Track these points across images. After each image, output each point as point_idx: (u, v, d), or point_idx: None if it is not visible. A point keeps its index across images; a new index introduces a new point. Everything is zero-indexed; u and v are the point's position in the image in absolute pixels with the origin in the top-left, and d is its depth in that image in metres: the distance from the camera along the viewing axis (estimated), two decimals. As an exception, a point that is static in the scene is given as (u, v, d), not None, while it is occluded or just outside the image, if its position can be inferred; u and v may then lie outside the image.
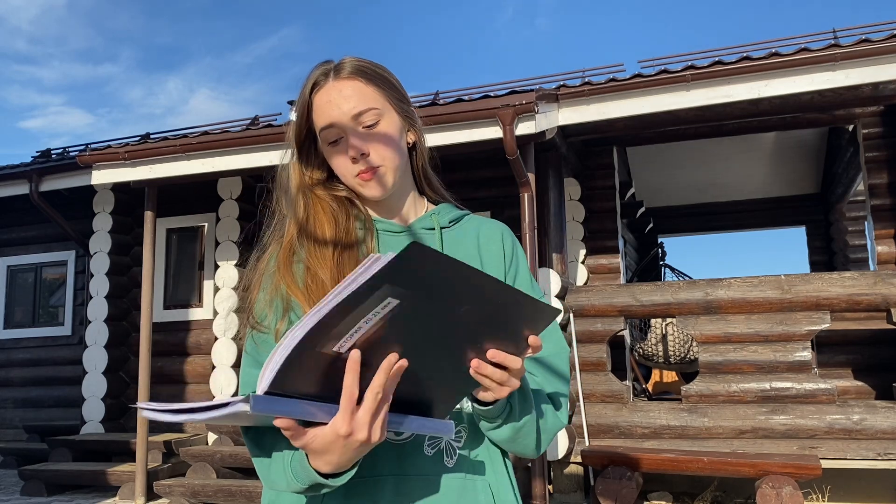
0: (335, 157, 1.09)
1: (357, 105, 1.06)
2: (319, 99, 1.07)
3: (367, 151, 1.06)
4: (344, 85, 1.07)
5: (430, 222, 1.13)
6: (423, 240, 1.10)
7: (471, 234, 1.15)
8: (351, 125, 1.06)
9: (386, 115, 1.08)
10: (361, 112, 1.06)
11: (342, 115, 1.06)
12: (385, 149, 1.07)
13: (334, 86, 1.07)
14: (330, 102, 1.06)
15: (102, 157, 6.34)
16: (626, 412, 5.62)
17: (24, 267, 8.66)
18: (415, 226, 1.13)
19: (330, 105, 1.06)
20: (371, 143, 1.06)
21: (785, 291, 5.34)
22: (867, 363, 5.93)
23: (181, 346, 7.53)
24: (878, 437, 5.00)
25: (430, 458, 0.99)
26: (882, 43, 4.81)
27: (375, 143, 1.07)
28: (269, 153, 5.90)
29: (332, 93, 1.06)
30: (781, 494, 4.49)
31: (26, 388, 8.33)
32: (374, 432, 0.80)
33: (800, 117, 6.39)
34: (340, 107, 1.06)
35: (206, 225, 7.69)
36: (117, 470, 6.21)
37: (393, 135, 1.09)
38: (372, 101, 1.07)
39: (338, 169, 1.09)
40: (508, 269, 1.14)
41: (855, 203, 8.23)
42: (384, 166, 1.07)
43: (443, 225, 1.14)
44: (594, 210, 7.00)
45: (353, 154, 1.06)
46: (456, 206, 1.20)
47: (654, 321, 7.28)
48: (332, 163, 1.10)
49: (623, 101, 5.36)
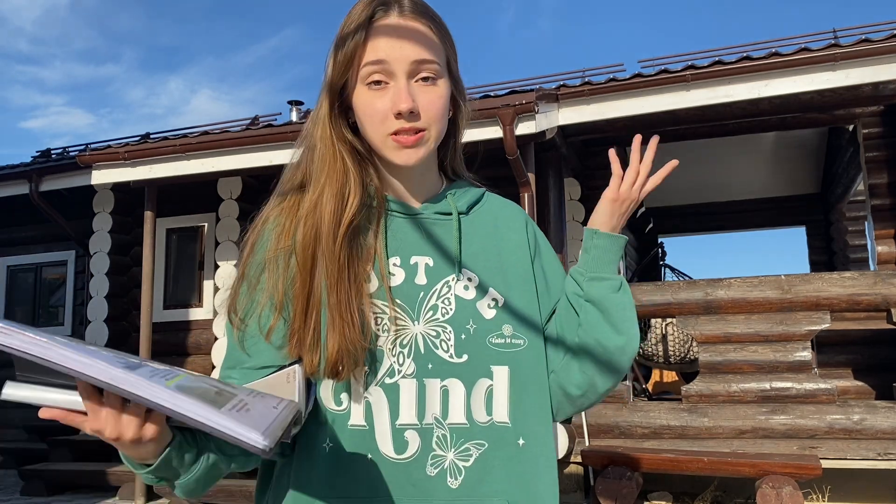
0: (373, 101, 0.90)
1: (422, 51, 0.90)
2: (378, 30, 0.90)
3: (417, 110, 0.90)
4: (412, 24, 0.91)
5: (447, 206, 0.99)
6: (436, 225, 0.98)
7: (488, 221, 1.03)
8: (409, 70, 0.90)
9: (444, 76, 0.94)
10: (425, 60, 0.90)
11: (402, 56, 0.89)
12: (436, 112, 0.92)
13: (400, 20, 0.90)
14: (391, 36, 0.89)
15: (102, 157, 6.34)
16: (627, 412, 5.62)
17: (24, 267, 8.66)
18: (428, 209, 0.99)
19: (390, 39, 0.89)
20: (423, 101, 0.91)
21: (785, 291, 5.33)
22: (867, 363, 5.93)
23: (181, 346, 7.52)
24: (878, 437, 4.99)
25: (432, 478, 0.89)
26: (882, 43, 4.80)
27: (428, 102, 0.91)
28: (268, 153, 5.90)
29: (397, 26, 0.90)
30: (781, 494, 4.48)
31: (26, 388, 8.32)
32: (126, 430, 0.69)
33: (800, 117, 6.39)
34: (402, 45, 0.89)
35: (206, 225, 7.69)
36: (117, 470, 6.21)
37: (446, 100, 0.94)
38: (437, 54, 0.92)
39: (370, 117, 0.91)
40: (534, 259, 1.04)
41: (855, 203, 8.23)
42: (428, 132, 0.92)
43: (460, 210, 1.00)
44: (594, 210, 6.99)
45: (403, 107, 0.88)
46: (472, 184, 1.07)
47: (654, 321, 7.28)
48: (363, 108, 0.92)
49: (623, 101, 5.36)
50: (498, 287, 0.98)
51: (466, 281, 0.96)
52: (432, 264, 0.95)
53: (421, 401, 0.90)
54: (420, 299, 0.94)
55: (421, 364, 0.91)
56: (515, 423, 0.93)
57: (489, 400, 0.93)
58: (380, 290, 0.92)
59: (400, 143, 0.91)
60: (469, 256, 0.98)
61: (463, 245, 0.98)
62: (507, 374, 0.94)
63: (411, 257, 0.95)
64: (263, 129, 6.04)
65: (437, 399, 0.91)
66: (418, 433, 0.90)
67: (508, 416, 0.93)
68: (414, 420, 0.90)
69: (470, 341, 0.94)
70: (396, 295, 0.93)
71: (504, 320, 0.96)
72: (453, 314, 0.94)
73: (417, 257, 0.95)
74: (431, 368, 0.91)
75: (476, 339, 0.94)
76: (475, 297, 0.96)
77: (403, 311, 0.92)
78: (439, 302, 0.94)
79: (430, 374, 0.91)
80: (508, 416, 0.93)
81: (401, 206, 0.97)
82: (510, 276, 1.00)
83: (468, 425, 0.91)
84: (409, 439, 0.90)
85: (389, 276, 0.93)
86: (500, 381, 0.94)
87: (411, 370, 0.91)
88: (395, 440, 0.89)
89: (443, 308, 0.94)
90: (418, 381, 0.90)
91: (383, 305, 0.91)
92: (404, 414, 0.90)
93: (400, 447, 0.89)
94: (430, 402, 0.91)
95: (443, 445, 0.90)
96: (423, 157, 0.93)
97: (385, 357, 0.90)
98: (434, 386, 0.91)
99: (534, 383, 0.97)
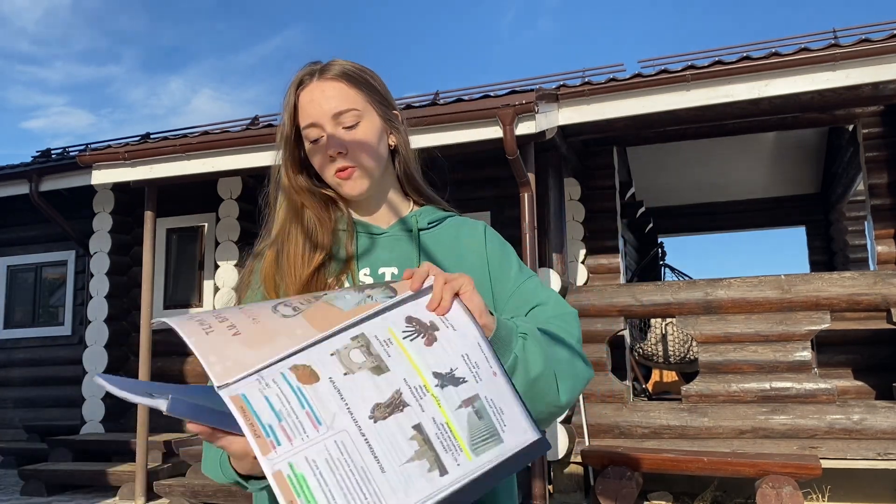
0: (316, 155, 1.11)
1: (338, 105, 1.08)
2: (304, 98, 1.10)
3: (344, 150, 1.08)
4: (327, 85, 1.09)
5: (410, 224, 1.15)
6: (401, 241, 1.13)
7: (451, 236, 1.16)
8: (331, 124, 1.08)
9: (366, 117, 1.11)
10: (342, 112, 1.08)
11: (323, 114, 1.08)
12: (362, 149, 1.10)
13: (318, 85, 1.09)
14: (312, 101, 1.08)
15: (102, 157, 6.34)
16: (627, 412, 5.62)
17: (24, 267, 8.65)
18: (393, 228, 1.15)
19: (312, 104, 1.09)
20: (349, 143, 1.09)
21: (785, 291, 5.34)
22: (867, 363, 5.93)
23: (181, 346, 7.44)
24: (878, 436, 4.99)
25: None
26: (882, 43, 4.80)
27: (354, 143, 1.09)
28: (269, 153, 5.88)
29: (316, 92, 1.09)
30: (781, 494, 4.49)
31: (26, 387, 8.33)
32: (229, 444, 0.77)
33: (800, 117, 6.39)
34: (322, 106, 1.08)
35: (205, 225, 7.69)
36: (117, 470, 6.21)
37: (371, 136, 1.11)
38: (353, 103, 1.09)
39: (318, 167, 1.12)
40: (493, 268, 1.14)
41: (855, 203, 8.23)
42: (361, 166, 1.09)
43: (421, 227, 1.15)
44: (594, 210, 7.00)
45: (332, 152, 1.08)
46: (440, 209, 1.21)
47: (654, 321, 7.28)
48: (313, 161, 1.12)
49: (623, 101, 5.36)
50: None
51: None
52: (396, 272, 1.10)
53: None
54: None
55: None
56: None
57: None
58: None
59: (340, 177, 1.10)
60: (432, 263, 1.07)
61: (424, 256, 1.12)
62: None
63: (379, 268, 1.11)
64: (263, 129, 6.04)
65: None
66: None
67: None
68: None
69: None
70: None
71: None
72: None
73: (385, 268, 1.11)
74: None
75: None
76: None
77: None
78: None
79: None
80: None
81: (368, 227, 1.14)
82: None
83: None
84: None
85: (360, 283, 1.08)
86: None
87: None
88: None
89: None
90: None
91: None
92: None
93: None
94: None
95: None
96: (367, 186, 1.11)
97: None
98: None
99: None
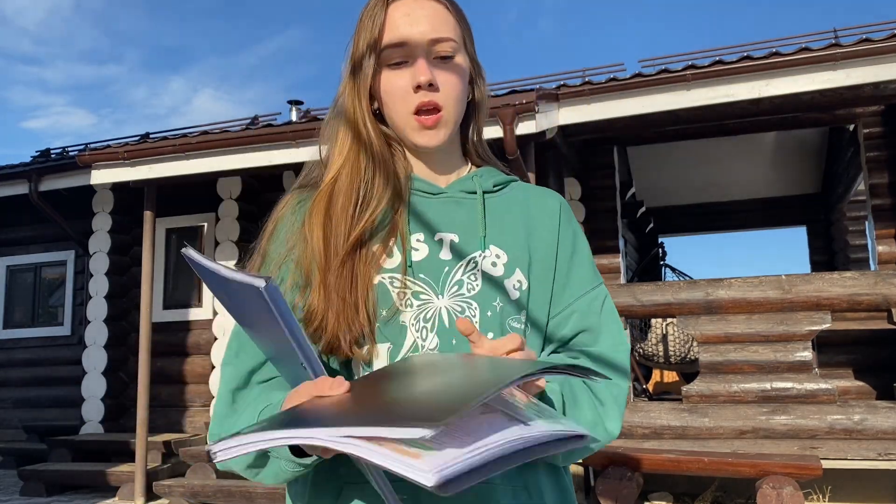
0: (394, 80, 0.92)
1: (438, 29, 0.91)
2: (396, 12, 0.92)
3: (436, 83, 0.91)
4: (427, 3, 0.92)
5: (472, 185, 0.98)
6: (461, 205, 0.96)
7: (518, 203, 1.00)
8: (424, 49, 0.91)
9: (460, 53, 0.94)
10: (441, 39, 0.91)
11: (419, 35, 0.90)
12: (454, 90, 0.93)
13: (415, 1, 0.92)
14: (409, 17, 0.91)
15: (102, 157, 6.33)
16: (627, 412, 5.61)
17: (24, 267, 8.65)
18: (453, 188, 0.97)
19: (408, 19, 0.91)
20: (442, 79, 0.91)
21: (785, 291, 5.33)
22: (868, 363, 5.93)
23: (181, 346, 7.51)
24: (878, 437, 4.99)
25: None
26: (883, 42, 4.79)
27: (447, 79, 0.92)
28: (268, 153, 5.89)
29: (414, 7, 0.91)
30: (782, 495, 4.48)
31: (26, 388, 8.32)
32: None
33: (800, 117, 6.38)
34: (420, 25, 0.90)
35: (205, 225, 7.68)
36: (117, 470, 6.20)
37: (463, 78, 0.94)
38: (452, 32, 0.93)
39: (392, 95, 0.93)
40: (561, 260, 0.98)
41: (856, 203, 8.22)
42: (447, 112, 0.92)
43: (485, 189, 0.98)
44: (594, 210, 6.99)
45: (422, 79, 0.89)
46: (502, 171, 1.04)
47: (655, 321, 7.27)
48: (386, 88, 0.93)
49: (623, 101, 5.35)
50: (524, 269, 0.94)
51: (495, 258, 0.93)
52: (457, 240, 0.93)
53: None
54: (445, 274, 0.91)
55: (445, 338, 0.88)
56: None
57: None
58: (402, 264, 0.90)
59: (421, 123, 0.92)
60: (497, 234, 0.95)
61: (490, 222, 0.95)
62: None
63: (436, 234, 0.93)
64: (263, 129, 6.03)
65: None
66: None
67: None
68: None
69: (495, 320, 0.90)
70: (419, 270, 0.91)
71: (522, 305, 0.93)
72: (479, 290, 0.91)
73: (442, 234, 0.93)
74: (455, 344, 0.88)
75: (500, 319, 0.91)
76: (503, 274, 0.93)
77: (426, 285, 0.90)
78: (465, 277, 0.91)
79: (454, 350, 0.88)
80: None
81: (426, 184, 0.96)
82: (534, 263, 0.96)
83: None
84: None
85: (412, 251, 0.91)
86: None
87: (434, 345, 0.88)
88: None
89: (468, 284, 0.91)
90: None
91: (405, 280, 0.89)
92: None
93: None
94: None
95: None
96: (444, 139, 0.93)
97: (408, 332, 0.88)
98: None
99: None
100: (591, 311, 0.97)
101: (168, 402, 7.44)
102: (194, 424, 7.33)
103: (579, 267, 0.99)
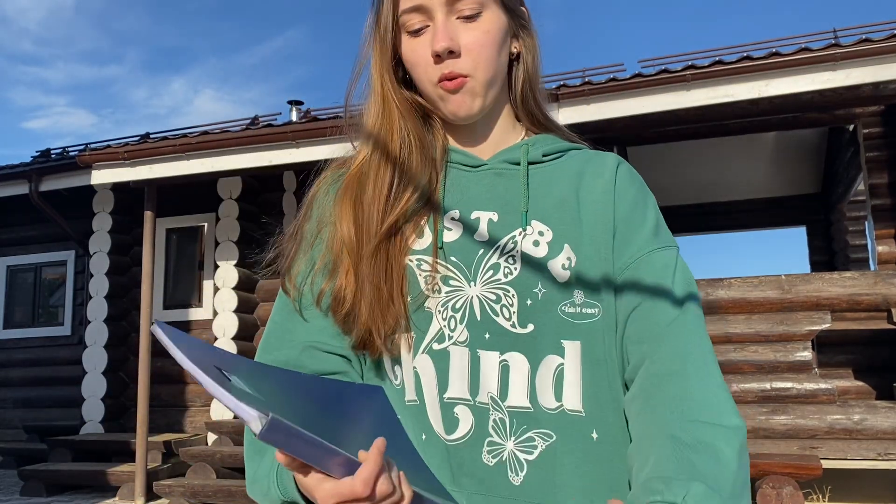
0: (415, 50, 0.83)
1: None
2: None
3: (457, 50, 0.80)
4: None
5: (517, 155, 0.87)
6: (503, 178, 0.86)
7: (570, 174, 0.87)
8: (443, 10, 0.81)
9: (489, 8, 0.83)
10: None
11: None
12: (481, 52, 0.81)
13: None
14: None
15: (102, 157, 6.33)
16: (627, 412, 5.61)
17: (24, 267, 8.65)
18: (496, 159, 0.87)
19: None
20: (466, 41, 0.81)
21: (785, 291, 5.33)
22: (867, 363, 5.93)
23: (181, 346, 7.51)
24: (878, 437, 4.99)
25: (490, 468, 0.76)
26: (882, 43, 4.80)
27: (471, 41, 0.81)
28: (268, 153, 5.89)
29: None
30: (782, 494, 4.48)
31: (26, 388, 8.33)
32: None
33: (800, 117, 6.39)
34: None
35: (205, 225, 7.69)
36: (117, 470, 6.21)
37: (494, 36, 0.82)
38: None
39: (415, 66, 0.84)
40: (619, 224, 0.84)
41: (855, 203, 8.22)
42: (474, 77, 0.82)
43: (532, 159, 0.86)
44: (594, 210, 6.99)
45: (440, 47, 0.80)
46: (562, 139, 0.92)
47: (655, 321, 7.27)
48: (408, 57, 0.84)
49: (623, 101, 5.36)
50: (573, 243, 0.82)
51: (537, 236, 0.82)
52: (497, 219, 0.83)
53: (474, 374, 0.78)
54: (479, 256, 0.81)
55: (476, 333, 0.79)
56: (589, 411, 0.78)
57: (559, 382, 0.78)
58: (432, 245, 0.82)
59: (446, 89, 0.82)
60: (543, 208, 0.84)
61: (535, 195, 0.85)
62: (580, 350, 0.79)
63: (473, 212, 0.84)
64: (263, 129, 6.03)
65: (494, 375, 0.78)
66: (471, 410, 0.77)
67: (581, 404, 0.78)
68: (465, 395, 0.77)
69: (537, 308, 0.80)
70: (451, 252, 0.82)
71: (577, 284, 0.81)
72: (518, 275, 0.80)
73: (480, 212, 0.84)
74: (489, 339, 0.79)
75: (545, 307, 0.80)
76: (547, 254, 0.81)
77: (457, 270, 0.81)
78: (501, 260, 0.81)
79: (487, 346, 0.79)
80: (581, 403, 0.78)
81: (465, 157, 0.87)
82: (586, 229, 0.83)
83: (532, 410, 0.77)
84: (460, 416, 0.77)
85: (443, 231, 0.83)
86: (571, 360, 0.79)
87: (464, 338, 0.79)
88: (443, 416, 0.78)
89: (506, 268, 0.81)
90: (471, 352, 0.78)
91: (434, 263, 0.81)
92: (454, 386, 0.78)
93: (450, 425, 0.77)
94: (486, 377, 0.78)
95: (500, 431, 0.77)
96: (479, 107, 0.83)
97: (433, 320, 0.80)
98: (491, 359, 0.78)
99: (607, 363, 0.80)
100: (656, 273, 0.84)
101: (168, 402, 7.45)
102: (194, 424, 7.34)
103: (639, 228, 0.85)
